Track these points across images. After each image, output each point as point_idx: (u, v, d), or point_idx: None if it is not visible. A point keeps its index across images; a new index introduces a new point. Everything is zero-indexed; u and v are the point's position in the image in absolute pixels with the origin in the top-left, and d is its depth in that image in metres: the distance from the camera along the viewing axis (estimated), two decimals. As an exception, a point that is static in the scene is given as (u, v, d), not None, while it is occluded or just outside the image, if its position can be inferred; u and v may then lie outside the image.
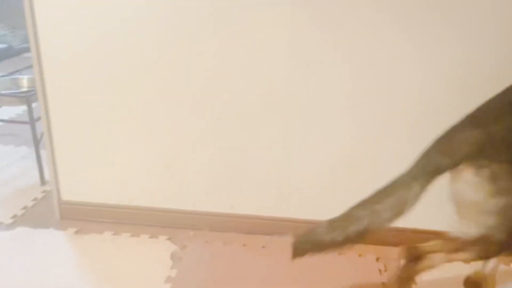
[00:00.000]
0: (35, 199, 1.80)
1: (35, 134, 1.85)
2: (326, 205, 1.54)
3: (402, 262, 1.21)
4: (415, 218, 1.51)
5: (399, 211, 1.07)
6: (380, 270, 1.44)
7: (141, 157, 1.55)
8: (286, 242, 1.54)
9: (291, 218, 1.57)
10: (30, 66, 1.50)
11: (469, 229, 1.04)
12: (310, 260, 1.46)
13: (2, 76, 2.11)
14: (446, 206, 1.49)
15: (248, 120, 1.47)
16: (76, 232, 1.58)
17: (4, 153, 2.23)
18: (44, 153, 1.69)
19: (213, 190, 1.57)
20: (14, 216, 1.66)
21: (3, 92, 1.89)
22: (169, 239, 1.55)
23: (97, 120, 1.52)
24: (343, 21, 1.33)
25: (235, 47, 1.39)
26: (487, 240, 1.00)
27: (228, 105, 1.45)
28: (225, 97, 1.45)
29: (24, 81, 2.03)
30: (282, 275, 1.39)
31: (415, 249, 1.21)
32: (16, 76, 2.08)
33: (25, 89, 1.95)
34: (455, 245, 1.10)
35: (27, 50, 1.49)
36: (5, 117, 2.32)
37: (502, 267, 1.46)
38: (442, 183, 1.47)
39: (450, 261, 1.13)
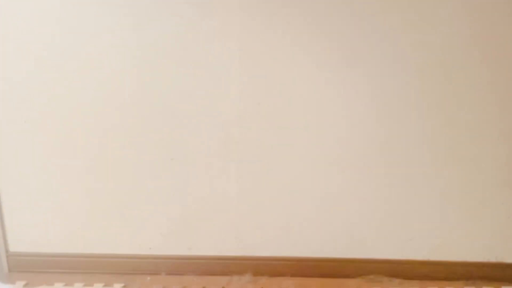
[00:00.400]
0: (-19, 251, 1.70)
1: (-19, 182, 1.76)
2: (285, 241, 1.55)
3: None
4: (366, 248, 1.55)
5: None
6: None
7: (93, 202, 1.51)
8: (246, 282, 1.53)
9: (251, 256, 1.56)
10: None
11: None
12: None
13: None
14: (400, 235, 1.54)
15: (202, 160, 1.47)
16: (26, 285, 1.49)
17: None
18: (-10, 203, 1.61)
19: (169, 232, 1.54)
20: (-43, 272, 1.57)
21: None
22: (124, 286, 1.49)
23: (44, 166, 1.47)
24: (288, 64, 1.38)
25: (187, 86, 1.40)
26: None
27: (181, 146, 1.45)
28: (178, 138, 1.44)
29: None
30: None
31: None
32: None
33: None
34: None
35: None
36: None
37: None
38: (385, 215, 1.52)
39: None
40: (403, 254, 1.54)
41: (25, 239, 1.55)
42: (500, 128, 1.43)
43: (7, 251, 1.55)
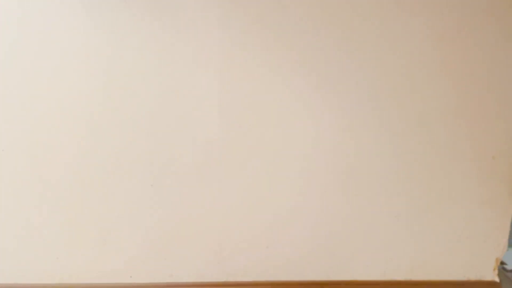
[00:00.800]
0: (-48, 284, 1.64)
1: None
2: (269, 263, 1.54)
3: None
4: (348, 269, 1.56)
5: None
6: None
7: (73, 230, 1.47)
8: (230, 308, 1.51)
9: (234, 281, 1.54)
10: None
11: None
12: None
13: None
14: (381, 255, 1.55)
15: (183, 184, 1.46)
16: (0, 319, 1.44)
17: None
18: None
19: (150, 259, 1.51)
20: None
21: None
22: (104, 317, 1.45)
23: (20, 190, 1.43)
24: (266, 87, 1.40)
25: (166, 111, 1.40)
26: None
27: (161, 171, 1.44)
28: (157, 163, 1.43)
29: None
30: None
31: None
32: None
33: None
34: None
35: None
36: None
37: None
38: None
39: None
40: (384, 274, 1.55)
41: (1, 269, 1.50)
42: (475, 148, 1.47)
43: (-20, 283, 1.50)
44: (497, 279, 1.56)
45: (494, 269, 1.56)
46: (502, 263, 1.71)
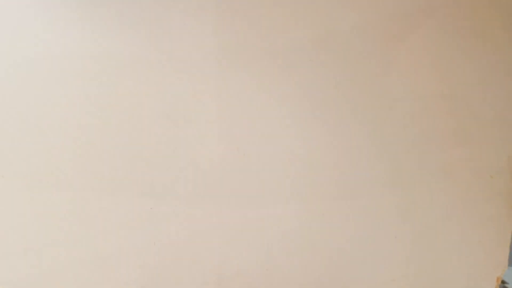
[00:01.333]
0: None
1: None
2: (268, 287, 1.52)
3: None
4: None
5: None
6: None
7: (68, 254, 1.44)
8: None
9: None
10: None
11: None
12: None
13: None
14: (382, 276, 1.54)
15: (182, 209, 1.44)
16: None
17: None
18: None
19: (149, 284, 1.48)
20: None
21: None
22: None
23: (12, 211, 1.41)
24: (266, 109, 1.40)
25: (163, 133, 1.40)
26: None
27: (160, 195, 1.42)
28: (157, 187, 1.42)
29: None
30: None
31: None
32: None
33: None
34: None
35: None
36: None
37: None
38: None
39: None
40: None
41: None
42: (473, 168, 1.48)
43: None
44: (498, 299, 1.55)
45: (495, 289, 1.56)
46: (503, 282, 1.71)
